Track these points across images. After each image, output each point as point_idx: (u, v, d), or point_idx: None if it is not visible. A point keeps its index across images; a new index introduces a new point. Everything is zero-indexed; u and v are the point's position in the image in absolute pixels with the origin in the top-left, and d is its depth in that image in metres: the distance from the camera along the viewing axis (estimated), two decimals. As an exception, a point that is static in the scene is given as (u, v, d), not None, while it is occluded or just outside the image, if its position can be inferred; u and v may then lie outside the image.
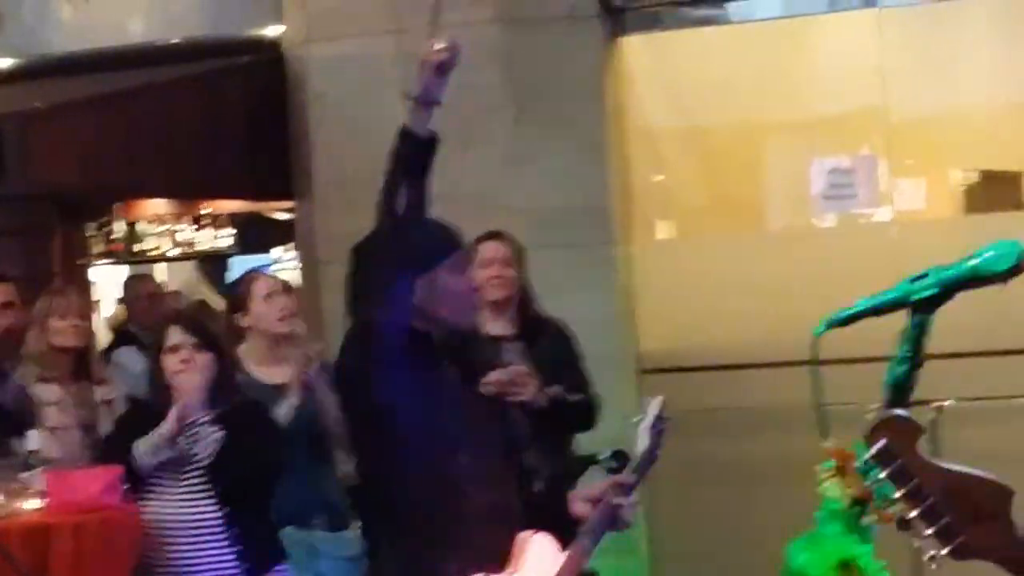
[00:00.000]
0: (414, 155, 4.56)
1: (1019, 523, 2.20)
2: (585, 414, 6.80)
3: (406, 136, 4.59)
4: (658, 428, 4.92)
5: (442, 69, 4.57)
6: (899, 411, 2.26)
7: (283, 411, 6.59)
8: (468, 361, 4.81)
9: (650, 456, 4.73)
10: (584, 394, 6.58)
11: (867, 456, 2.23)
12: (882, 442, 2.17)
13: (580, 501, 4.31)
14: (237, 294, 7.06)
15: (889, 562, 3.38)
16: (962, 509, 2.14)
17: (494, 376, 6.08)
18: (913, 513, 2.16)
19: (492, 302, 6.42)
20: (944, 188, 9.18)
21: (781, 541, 3.44)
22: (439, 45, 4.59)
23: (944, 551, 2.15)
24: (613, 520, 4.16)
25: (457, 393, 3.90)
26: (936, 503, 2.14)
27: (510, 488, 3.89)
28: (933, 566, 2.22)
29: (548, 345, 6.50)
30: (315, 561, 6.59)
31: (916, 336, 2.58)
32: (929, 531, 2.15)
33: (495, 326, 6.44)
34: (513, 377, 6.13)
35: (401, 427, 3.69)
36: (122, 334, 9.34)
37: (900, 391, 2.59)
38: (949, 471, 2.18)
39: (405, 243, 3.97)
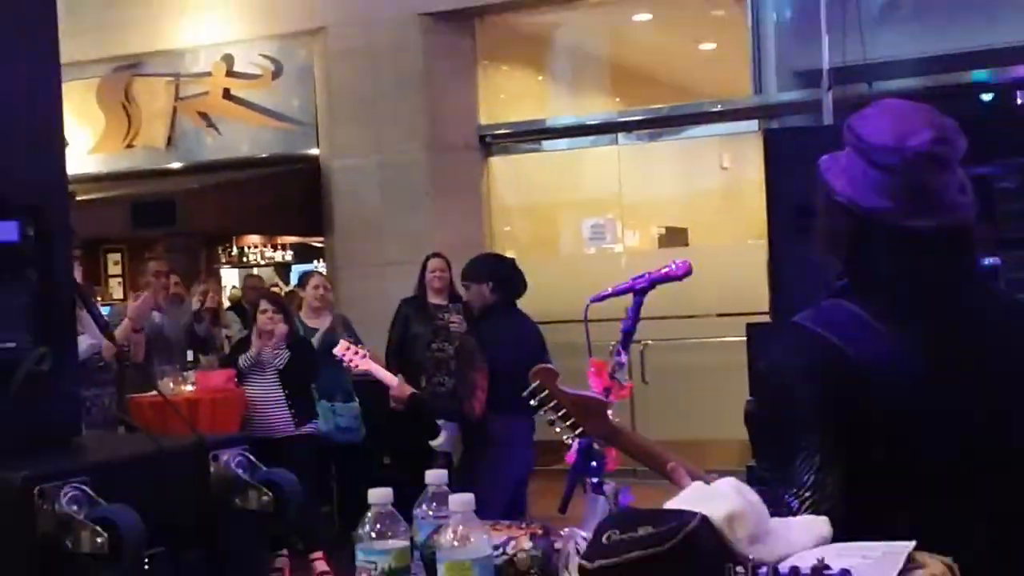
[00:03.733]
0: None
1: (616, 419, 2.42)
2: None
3: None
4: None
5: None
6: (545, 364, 2.45)
7: (315, 339, 7.42)
8: None
9: None
10: None
11: (527, 391, 2.42)
12: (535, 383, 2.38)
13: None
14: (303, 280, 8.32)
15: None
16: (581, 412, 2.40)
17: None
18: (555, 416, 2.43)
19: (437, 289, 7.17)
20: (648, 236, 10.95)
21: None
22: None
23: (574, 434, 2.44)
24: None
25: None
26: (567, 411, 2.40)
27: None
28: (565, 438, 2.52)
29: (463, 307, 6.95)
30: (335, 418, 7.53)
31: (636, 307, 2.84)
32: (563, 425, 2.43)
33: (438, 299, 7.18)
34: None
35: None
36: (235, 305, 10.95)
37: (626, 336, 2.79)
38: (575, 394, 2.39)
39: None
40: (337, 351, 6.36)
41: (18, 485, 2.11)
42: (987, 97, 9.17)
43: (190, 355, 8.35)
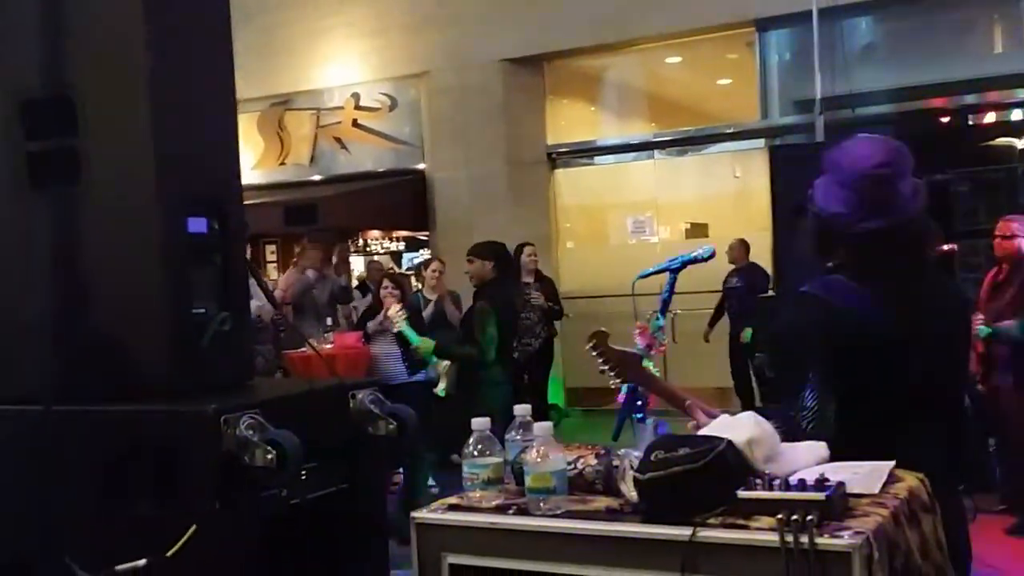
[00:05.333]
0: None
1: (650, 371, 2.39)
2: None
3: None
4: None
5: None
6: (601, 328, 2.37)
7: (427, 311, 7.22)
8: None
9: None
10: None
11: (588, 347, 2.34)
12: (593, 342, 2.35)
13: None
14: (423, 263, 8.22)
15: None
16: (624, 364, 2.37)
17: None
18: (606, 367, 2.37)
19: (530, 270, 7.56)
20: (677, 229, 10.57)
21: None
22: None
23: (619, 380, 2.38)
24: None
25: None
26: (614, 365, 2.36)
27: None
28: (612, 384, 2.42)
29: (546, 288, 7.46)
30: (428, 367, 6.79)
31: (671, 283, 2.72)
32: (611, 374, 2.38)
33: (528, 278, 7.45)
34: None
35: None
36: (361, 284, 10.33)
37: (664, 305, 2.69)
38: (621, 351, 2.34)
39: None
40: (391, 312, 6.20)
41: (209, 415, 2.14)
42: (944, 120, 9.04)
43: (329, 321, 8.37)
